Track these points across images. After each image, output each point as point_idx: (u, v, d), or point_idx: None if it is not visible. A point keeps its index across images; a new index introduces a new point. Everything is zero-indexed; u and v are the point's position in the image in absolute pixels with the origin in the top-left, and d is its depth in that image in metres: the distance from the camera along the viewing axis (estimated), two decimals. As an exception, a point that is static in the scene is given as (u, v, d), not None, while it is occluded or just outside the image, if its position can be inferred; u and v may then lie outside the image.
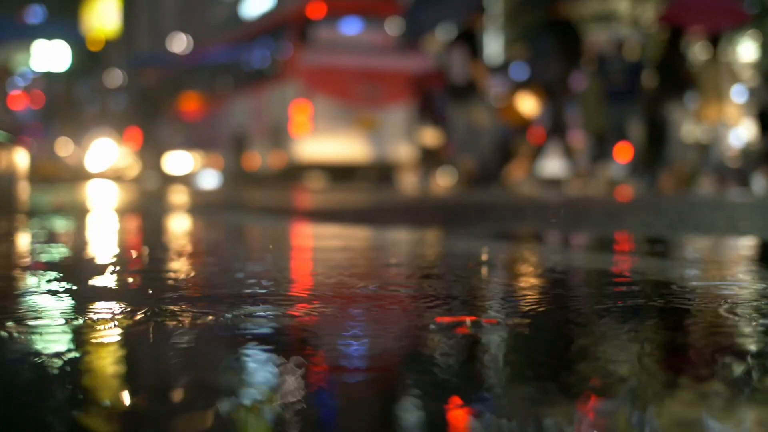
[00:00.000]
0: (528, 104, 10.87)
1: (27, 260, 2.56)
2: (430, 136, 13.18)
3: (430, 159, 13.26)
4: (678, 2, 11.74)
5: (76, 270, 2.21)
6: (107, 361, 1.14)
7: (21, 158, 4.32)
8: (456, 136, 11.25)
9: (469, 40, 10.80)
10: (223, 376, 1.05)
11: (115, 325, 1.37)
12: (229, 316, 1.45)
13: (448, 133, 12.02)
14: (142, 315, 1.46)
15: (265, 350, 1.21)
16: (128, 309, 1.53)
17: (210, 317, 1.43)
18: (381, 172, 15.83)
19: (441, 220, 4.75)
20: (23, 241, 3.30)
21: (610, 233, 3.71)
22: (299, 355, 1.18)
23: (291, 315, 1.47)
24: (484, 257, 2.60)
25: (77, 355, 1.18)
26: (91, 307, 1.55)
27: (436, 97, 12.90)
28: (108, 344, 1.24)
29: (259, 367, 1.10)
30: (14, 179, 4.15)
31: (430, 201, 7.71)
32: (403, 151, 15.11)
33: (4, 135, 4.17)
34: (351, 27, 15.65)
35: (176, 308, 1.53)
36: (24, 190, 4.45)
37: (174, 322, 1.39)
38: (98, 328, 1.35)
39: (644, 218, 4.79)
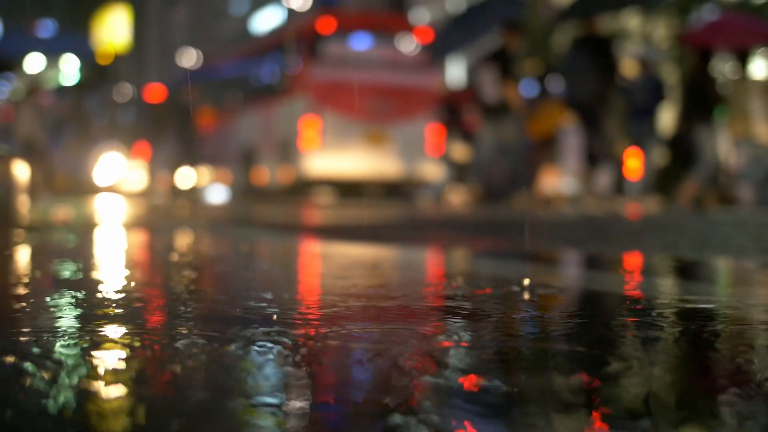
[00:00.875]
0: (561, 119, 10.90)
1: (22, 277, 2.44)
2: (459, 152, 13.16)
3: (458, 174, 13.25)
4: (705, 24, 11.64)
5: (74, 287, 2.09)
6: (110, 391, 1.03)
7: (21, 171, 4.21)
8: (483, 154, 11.21)
9: (501, 58, 10.75)
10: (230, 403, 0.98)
11: (115, 348, 1.25)
12: (236, 344, 1.33)
13: (476, 151, 12.04)
14: (146, 337, 1.35)
15: (273, 376, 1.12)
16: (131, 331, 1.41)
17: (217, 341, 1.31)
18: (390, 188, 15.75)
19: (462, 237, 4.63)
20: (19, 256, 3.19)
21: (638, 253, 3.58)
22: (309, 383, 1.09)
23: (301, 338, 1.35)
24: (522, 283, 2.47)
25: (81, 377, 1.06)
26: (91, 326, 1.44)
27: (464, 114, 12.92)
28: (110, 369, 1.12)
29: (266, 394, 1.02)
30: (13, 192, 4.03)
31: (453, 217, 7.59)
32: (413, 167, 15.03)
33: (4, 147, 4.07)
34: (361, 42, 15.62)
35: (182, 330, 1.41)
36: (24, 204, 4.34)
37: (180, 345, 1.28)
38: (98, 350, 1.23)
39: (667, 238, 4.65)
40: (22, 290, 2.13)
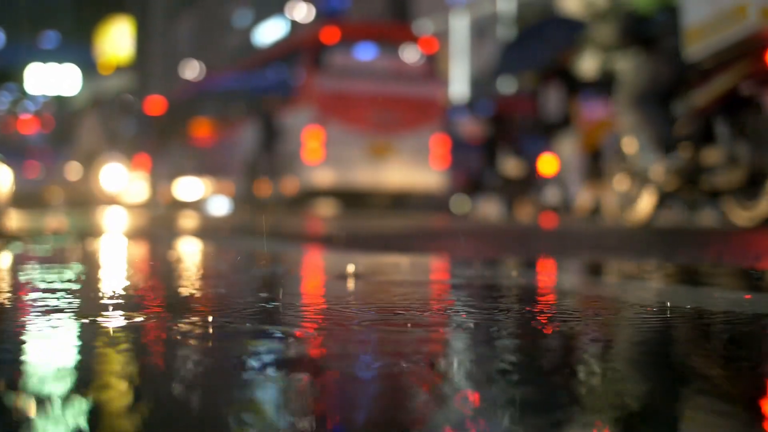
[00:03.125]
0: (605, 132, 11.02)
1: None
2: (512, 167, 13.09)
3: (511, 189, 13.19)
4: None
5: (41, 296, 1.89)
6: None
7: (3, 178, 4.00)
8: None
9: (564, 76, 10.79)
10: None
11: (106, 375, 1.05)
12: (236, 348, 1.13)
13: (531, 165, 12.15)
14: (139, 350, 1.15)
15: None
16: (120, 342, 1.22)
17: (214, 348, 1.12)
18: (395, 199, 15.58)
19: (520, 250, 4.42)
20: None
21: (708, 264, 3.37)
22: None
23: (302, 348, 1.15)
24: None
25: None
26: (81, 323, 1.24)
27: (518, 128, 12.90)
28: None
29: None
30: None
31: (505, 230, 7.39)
32: (418, 177, 14.87)
33: None
34: (365, 53, 15.48)
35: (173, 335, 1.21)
36: (4, 212, 4.14)
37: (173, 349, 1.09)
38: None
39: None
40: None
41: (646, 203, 6.58)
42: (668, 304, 1.86)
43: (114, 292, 2.08)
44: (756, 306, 1.85)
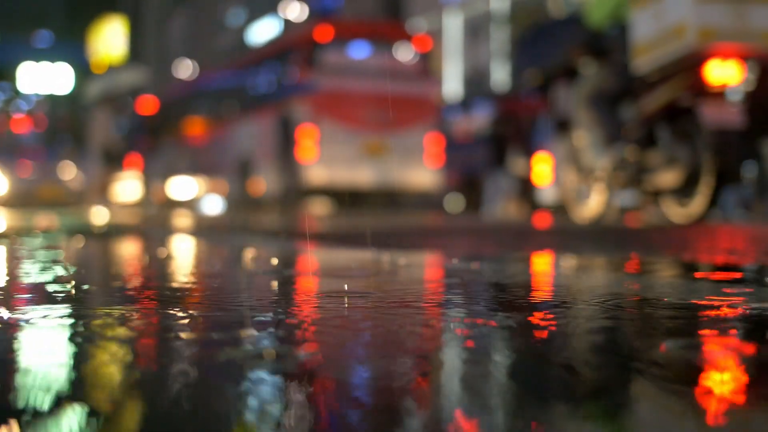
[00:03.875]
0: None
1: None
2: (522, 167, 13.12)
3: (521, 189, 13.21)
4: None
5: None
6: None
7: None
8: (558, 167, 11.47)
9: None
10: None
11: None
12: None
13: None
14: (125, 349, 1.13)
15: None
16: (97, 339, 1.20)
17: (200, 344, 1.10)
18: (390, 198, 15.57)
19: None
20: None
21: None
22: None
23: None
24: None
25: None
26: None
27: (528, 128, 12.93)
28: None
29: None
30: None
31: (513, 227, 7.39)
32: (412, 176, 14.86)
33: None
34: (359, 51, 15.46)
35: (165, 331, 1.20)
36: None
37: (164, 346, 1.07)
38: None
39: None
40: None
41: (595, 201, 7.30)
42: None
43: (103, 287, 2.06)
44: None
